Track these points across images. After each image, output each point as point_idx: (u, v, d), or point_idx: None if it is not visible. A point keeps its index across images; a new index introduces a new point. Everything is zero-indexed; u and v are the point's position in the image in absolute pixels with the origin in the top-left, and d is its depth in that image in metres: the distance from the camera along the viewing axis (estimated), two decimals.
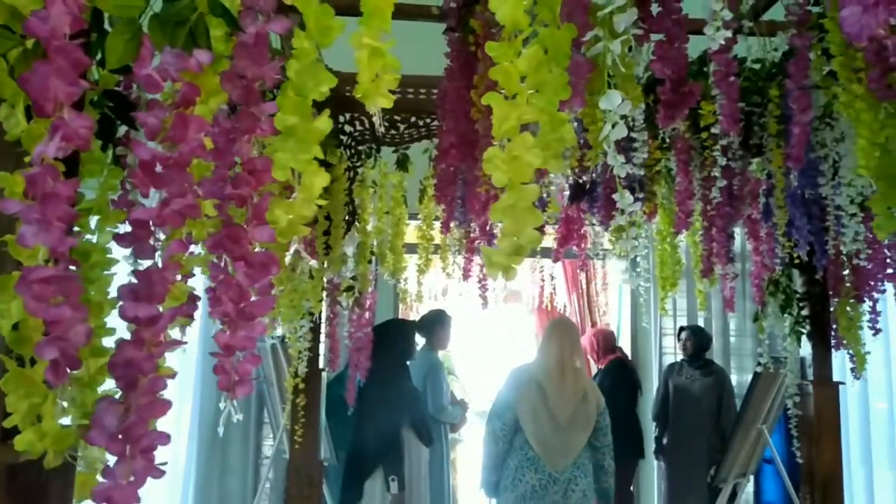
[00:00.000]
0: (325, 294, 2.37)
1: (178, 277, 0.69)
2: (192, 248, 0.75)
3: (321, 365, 2.49)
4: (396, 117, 2.51)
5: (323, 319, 2.49)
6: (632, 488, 4.48)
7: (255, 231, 0.63)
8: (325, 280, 2.33)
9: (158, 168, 0.60)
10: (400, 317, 4.60)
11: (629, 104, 0.68)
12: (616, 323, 5.34)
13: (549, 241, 2.89)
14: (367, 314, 2.72)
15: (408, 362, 3.39)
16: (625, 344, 4.83)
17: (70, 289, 0.52)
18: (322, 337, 2.50)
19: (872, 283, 2.23)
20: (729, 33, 0.95)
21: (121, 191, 0.77)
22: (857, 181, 1.69)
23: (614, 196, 0.74)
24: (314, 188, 0.63)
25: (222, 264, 0.65)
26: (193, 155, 0.59)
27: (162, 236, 0.64)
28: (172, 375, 0.69)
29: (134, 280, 0.60)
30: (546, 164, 0.59)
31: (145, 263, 0.63)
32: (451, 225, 2.61)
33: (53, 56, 0.49)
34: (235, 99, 0.62)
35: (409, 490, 3.14)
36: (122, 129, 0.76)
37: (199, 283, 1.17)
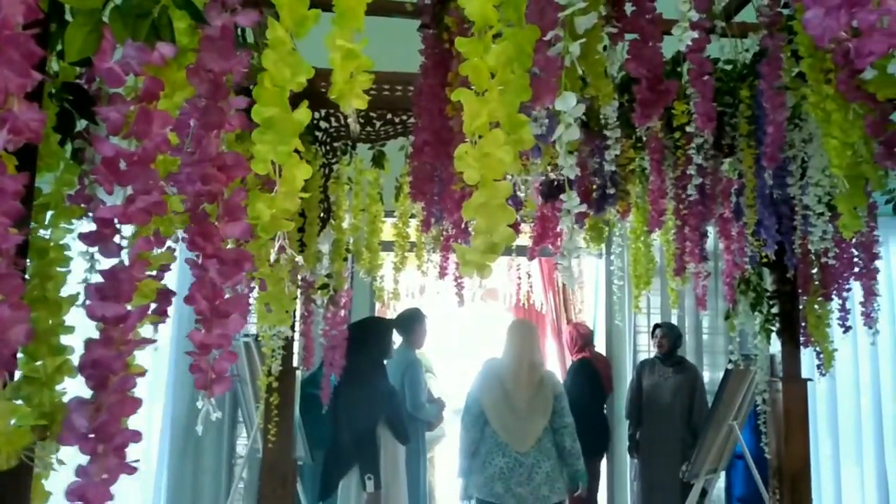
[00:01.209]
0: (299, 292, 2.35)
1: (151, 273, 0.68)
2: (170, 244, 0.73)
3: (295, 363, 2.47)
4: (372, 114, 2.50)
5: (297, 317, 2.47)
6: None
7: (227, 227, 0.62)
8: (299, 278, 2.30)
9: (123, 164, 0.59)
10: (377, 315, 4.59)
11: (583, 106, 0.68)
12: (592, 321, 5.38)
13: (524, 239, 2.90)
14: (342, 312, 2.70)
15: (385, 361, 3.38)
16: (599, 341, 4.87)
17: (11, 287, 0.51)
18: (296, 335, 2.48)
19: (840, 282, 2.27)
20: (695, 34, 0.96)
21: (78, 186, 0.75)
22: (825, 181, 1.72)
23: (562, 196, 0.74)
24: (296, 181, 0.62)
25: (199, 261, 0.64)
26: (158, 150, 0.57)
27: (127, 233, 0.62)
28: (143, 373, 0.68)
29: (96, 278, 0.58)
30: (509, 164, 0.58)
31: (110, 261, 0.62)
32: (431, 223, 2.60)
33: (4, 46, 0.47)
34: (202, 93, 0.61)
35: (386, 488, 3.13)
36: (83, 124, 0.74)
37: (172, 279, 1.15)
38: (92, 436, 0.56)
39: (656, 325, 4.35)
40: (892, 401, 4.45)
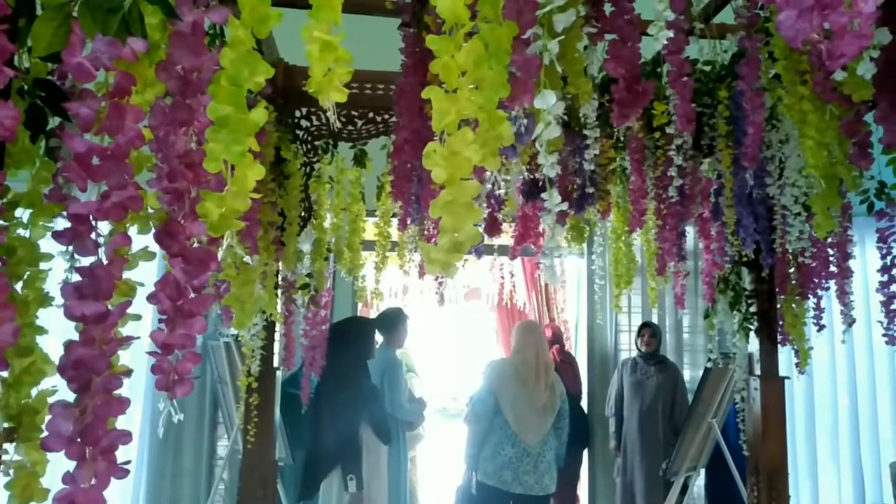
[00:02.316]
0: (279, 292, 2.33)
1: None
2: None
3: (276, 364, 2.45)
4: (354, 113, 2.48)
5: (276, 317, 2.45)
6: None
7: (193, 226, 0.61)
8: (279, 277, 2.29)
9: (96, 160, 0.58)
10: (359, 315, 4.57)
11: (563, 104, 0.68)
12: (574, 320, 5.40)
13: (506, 238, 2.91)
14: (322, 312, 2.69)
15: (367, 361, 3.36)
16: (581, 340, 4.89)
17: None
18: (277, 335, 2.46)
19: (816, 281, 2.30)
20: (671, 33, 0.96)
21: (52, 184, 0.73)
22: (801, 181, 1.74)
23: (543, 195, 0.74)
24: (248, 181, 0.61)
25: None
26: (131, 146, 0.56)
27: (103, 230, 0.61)
28: (128, 373, 0.67)
29: (76, 277, 0.57)
30: (483, 162, 0.58)
31: (87, 259, 0.60)
32: (408, 222, 2.60)
33: None
34: (171, 90, 0.60)
35: (368, 489, 3.12)
36: (57, 121, 0.73)
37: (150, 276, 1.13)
38: (78, 440, 0.55)
39: (644, 324, 4.37)
40: (869, 399, 4.52)
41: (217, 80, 0.59)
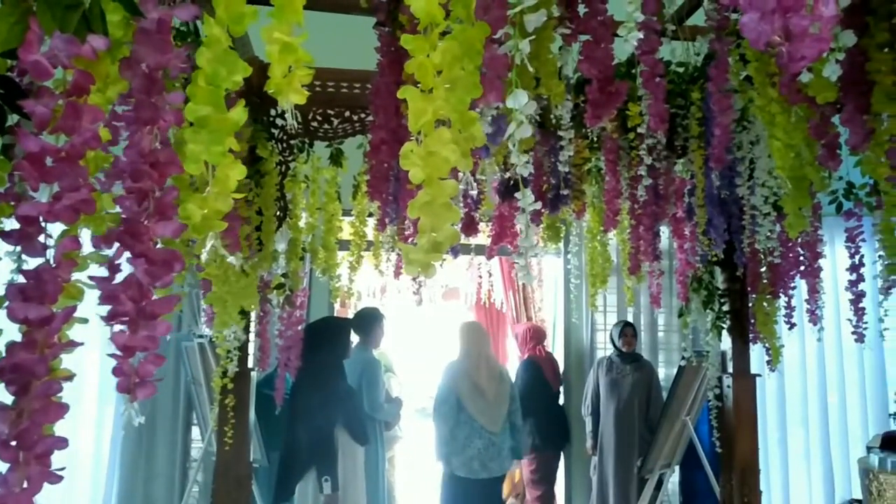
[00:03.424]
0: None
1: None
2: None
3: (250, 364, 2.43)
4: (330, 111, 2.47)
5: (252, 318, 2.43)
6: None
7: (158, 226, 0.60)
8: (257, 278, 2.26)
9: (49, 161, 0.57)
10: (336, 315, 4.55)
11: (534, 104, 0.68)
12: (551, 319, 5.43)
13: (483, 238, 2.91)
14: (298, 312, 2.67)
15: (343, 361, 3.35)
16: (558, 339, 4.92)
17: None
18: (251, 336, 2.44)
19: (787, 280, 2.34)
20: (641, 35, 0.97)
21: (8, 184, 0.72)
22: (771, 182, 1.77)
23: (517, 195, 0.74)
24: (229, 181, 0.60)
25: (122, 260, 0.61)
26: (87, 146, 0.55)
27: (53, 232, 0.60)
28: (69, 378, 0.66)
29: (21, 279, 0.56)
30: (456, 163, 0.58)
31: (35, 261, 0.59)
32: (386, 222, 2.59)
33: None
34: (136, 88, 0.59)
35: (344, 490, 3.10)
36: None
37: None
38: (13, 443, 0.54)
39: (625, 323, 4.40)
40: (838, 395, 4.61)
41: (195, 81, 0.58)
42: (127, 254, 0.58)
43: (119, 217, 0.59)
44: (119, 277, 0.60)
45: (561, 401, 4.74)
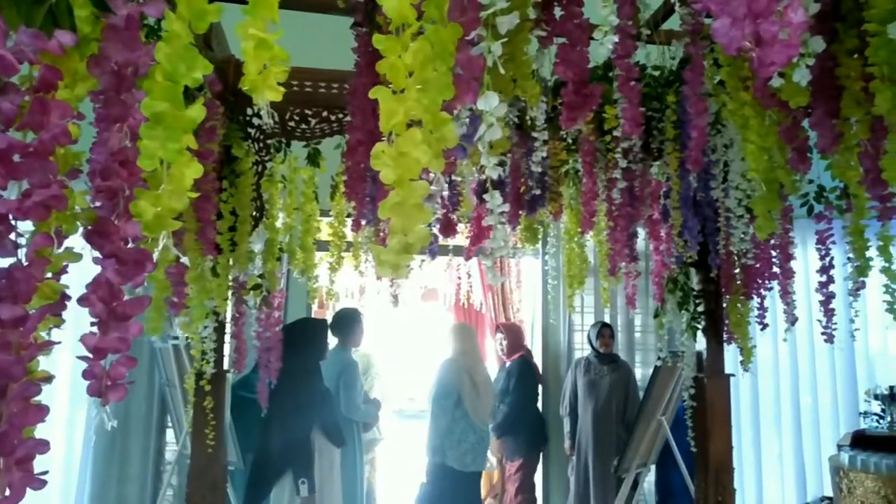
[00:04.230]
0: (230, 293, 2.29)
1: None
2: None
3: (226, 366, 2.41)
4: (308, 111, 2.46)
5: (228, 319, 2.40)
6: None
7: (128, 226, 0.59)
8: (230, 278, 2.24)
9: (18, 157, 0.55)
10: (314, 316, 4.52)
11: (505, 106, 0.69)
12: (530, 320, 5.45)
13: (461, 239, 2.91)
14: (276, 313, 2.64)
15: (320, 362, 3.33)
16: (536, 340, 4.94)
17: None
18: (227, 337, 2.41)
19: (759, 282, 2.37)
20: (616, 38, 0.98)
21: None
22: (744, 184, 1.79)
23: (485, 196, 0.75)
24: (185, 179, 0.59)
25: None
26: (56, 142, 0.54)
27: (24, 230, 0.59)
28: (48, 379, 0.64)
29: None
30: (428, 164, 0.58)
31: (7, 261, 0.58)
32: (362, 223, 2.58)
33: None
34: (104, 85, 0.58)
35: (320, 492, 3.08)
36: None
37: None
38: None
39: (603, 324, 4.43)
40: (810, 395, 4.69)
41: (152, 76, 0.57)
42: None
43: (91, 214, 0.58)
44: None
45: (538, 402, 4.76)
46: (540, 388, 4.74)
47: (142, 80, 0.59)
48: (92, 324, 0.57)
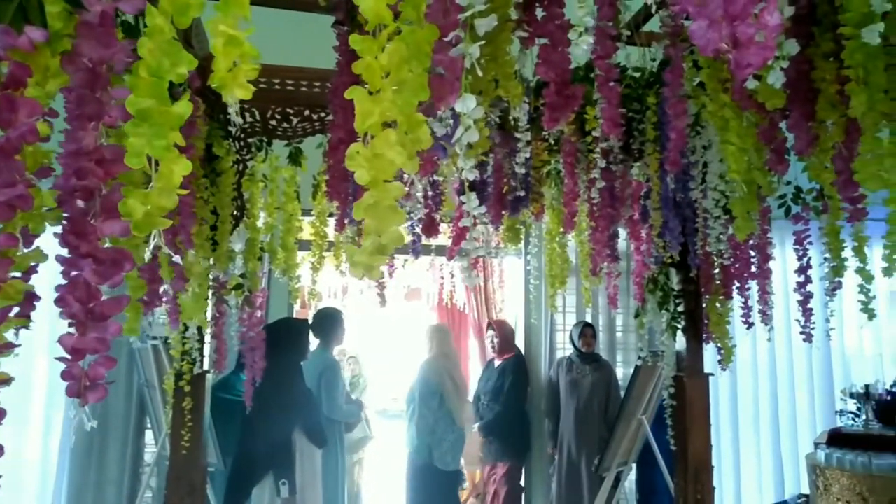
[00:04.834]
0: (210, 293, 2.26)
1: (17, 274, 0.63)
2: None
3: (206, 367, 2.39)
4: (289, 110, 2.44)
5: (208, 319, 2.38)
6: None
7: (105, 225, 0.58)
8: (210, 278, 2.22)
9: None
10: (296, 316, 4.49)
11: (482, 108, 0.69)
12: (513, 320, 5.46)
13: (444, 239, 2.92)
14: (258, 313, 2.62)
15: (301, 363, 3.31)
16: (519, 340, 4.95)
17: None
18: (207, 337, 2.39)
19: (740, 282, 2.40)
20: (591, 39, 0.98)
21: None
22: (723, 186, 1.81)
23: (462, 198, 0.75)
24: (173, 177, 0.58)
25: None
26: (23, 140, 0.53)
27: None
28: (7, 381, 0.63)
29: None
30: (403, 165, 0.58)
31: None
32: (345, 222, 2.57)
33: None
34: (78, 82, 0.57)
35: (302, 493, 3.06)
36: None
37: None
38: None
39: (584, 324, 4.44)
40: (788, 394, 4.75)
41: (136, 72, 0.57)
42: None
43: (59, 214, 0.57)
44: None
45: None
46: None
47: (116, 78, 0.58)
48: (70, 324, 0.56)
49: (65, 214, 0.57)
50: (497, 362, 4.62)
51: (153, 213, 0.56)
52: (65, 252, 0.59)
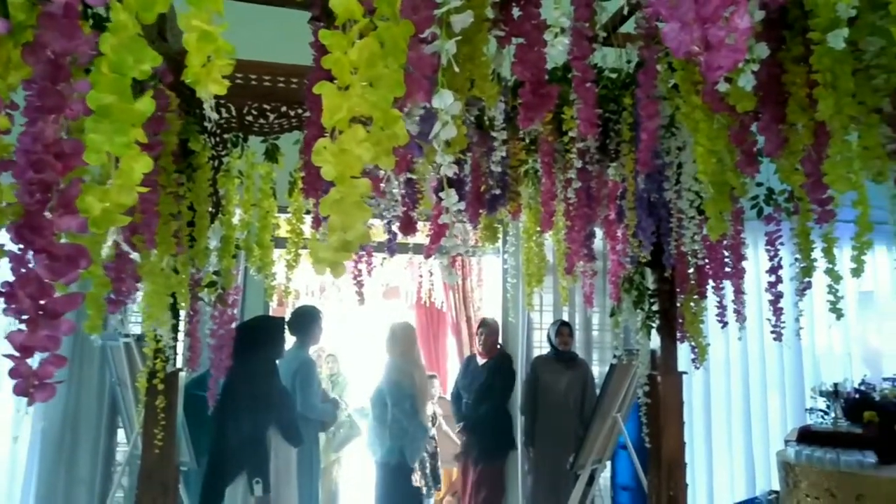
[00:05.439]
0: (181, 291, 2.23)
1: None
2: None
3: (179, 364, 2.36)
4: (266, 106, 2.42)
5: (182, 316, 2.35)
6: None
7: (62, 220, 0.57)
8: (168, 273, 2.19)
9: None
10: (272, 314, 4.46)
11: (459, 104, 0.69)
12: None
13: (422, 237, 2.91)
14: (231, 311, 2.60)
15: (277, 361, 3.28)
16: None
17: None
18: (180, 335, 2.36)
19: (715, 282, 2.43)
20: (566, 40, 0.99)
21: None
22: (696, 186, 1.83)
23: (441, 194, 0.75)
24: (134, 174, 0.57)
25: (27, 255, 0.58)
26: None
27: None
28: None
29: None
30: (377, 160, 0.58)
31: None
32: (321, 220, 2.55)
33: None
34: (39, 74, 0.56)
35: (276, 492, 3.04)
36: None
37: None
38: None
39: (561, 322, 4.46)
40: (760, 392, 4.83)
41: (98, 68, 0.55)
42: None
43: (19, 209, 0.56)
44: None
45: None
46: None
47: (79, 71, 0.57)
48: (21, 321, 0.55)
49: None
50: (481, 360, 4.59)
51: (112, 210, 0.55)
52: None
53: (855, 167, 1.20)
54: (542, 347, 4.67)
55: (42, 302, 0.55)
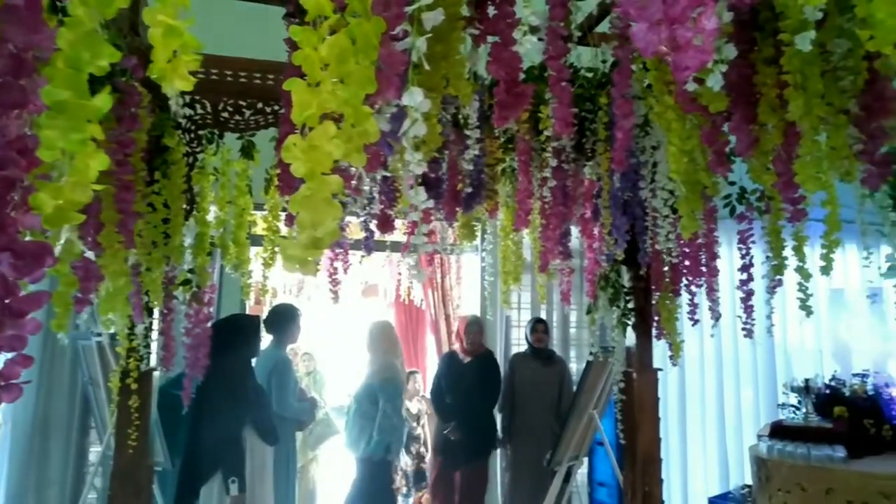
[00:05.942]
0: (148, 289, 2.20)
1: None
2: None
3: (153, 364, 2.33)
4: (242, 103, 2.40)
5: (156, 315, 2.32)
6: None
7: (26, 218, 0.56)
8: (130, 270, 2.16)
9: None
10: (249, 312, 4.42)
11: (429, 102, 0.69)
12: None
13: (399, 235, 2.91)
14: (206, 309, 2.57)
15: (252, 360, 3.26)
16: None
17: None
18: (154, 334, 2.33)
19: (690, 279, 2.46)
20: (534, 39, 0.99)
21: None
22: (670, 185, 1.85)
23: (410, 192, 0.75)
24: (89, 171, 0.57)
25: None
26: None
27: None
28: None
29: None
30: (348, 158, 0.57)
31: None
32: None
33: None
34: (1, 69, 0.55)
35: (251, 490, 3.02)
36: None
37: None
38: None
39: (538, 320, 4.46)
40: (734, 389, 4.90)
41: (53, 63, 0.55)
42: None
43: None
44: None
45: None
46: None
47: (43, 66, 0.56)
48: None
49: None
50: (465, 358, 4.50)
51: (66, 207, 0.54)
52: None
53: (824, 167, 1.22)
54: (520, 345, 4.69)
55: (7, 301, 0.54)
